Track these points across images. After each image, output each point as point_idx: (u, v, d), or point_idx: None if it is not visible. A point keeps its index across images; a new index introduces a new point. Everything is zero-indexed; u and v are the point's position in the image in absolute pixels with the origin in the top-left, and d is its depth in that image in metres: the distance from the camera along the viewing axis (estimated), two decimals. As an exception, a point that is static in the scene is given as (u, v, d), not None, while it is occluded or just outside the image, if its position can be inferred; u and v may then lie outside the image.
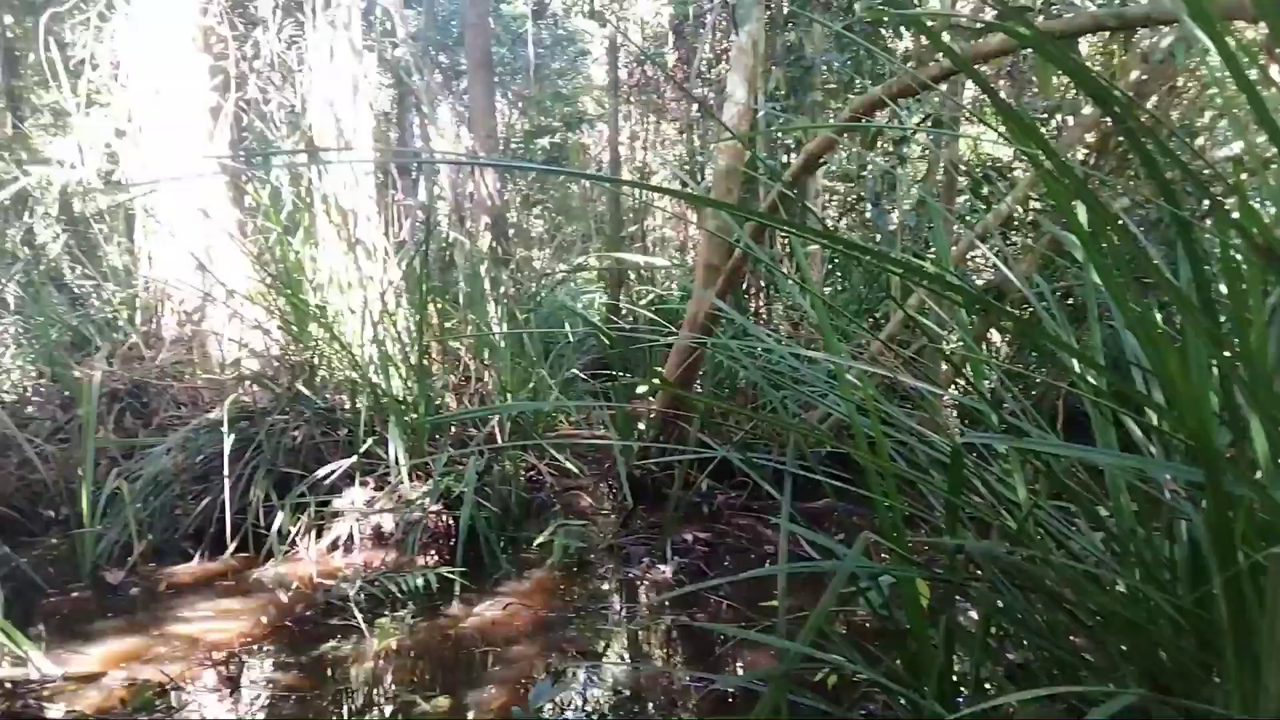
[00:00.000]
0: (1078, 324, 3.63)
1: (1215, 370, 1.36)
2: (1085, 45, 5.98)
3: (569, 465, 4.09)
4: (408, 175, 9.03)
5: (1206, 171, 3.71)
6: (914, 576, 1.63)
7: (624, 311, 7.12)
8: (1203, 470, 1.15)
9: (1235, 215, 1.19)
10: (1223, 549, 1.20)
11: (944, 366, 3.94)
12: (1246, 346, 1.24)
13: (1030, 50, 3.73)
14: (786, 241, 5.45)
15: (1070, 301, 4.48)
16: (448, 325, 4.48)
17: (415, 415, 3.80)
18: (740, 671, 2.55)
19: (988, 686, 1.67)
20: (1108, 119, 3.99)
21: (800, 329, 5.12)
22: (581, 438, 4.40)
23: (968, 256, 5.28)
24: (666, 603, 2.98)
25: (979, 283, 5.13)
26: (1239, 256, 1.34)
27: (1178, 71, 4.01)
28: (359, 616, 2.84)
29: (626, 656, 2.65)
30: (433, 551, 3.37)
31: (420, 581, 3.03)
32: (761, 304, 5.67)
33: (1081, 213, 1.42)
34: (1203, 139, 5.54)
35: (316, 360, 4.08)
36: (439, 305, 4.36)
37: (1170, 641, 1.39)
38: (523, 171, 11.54)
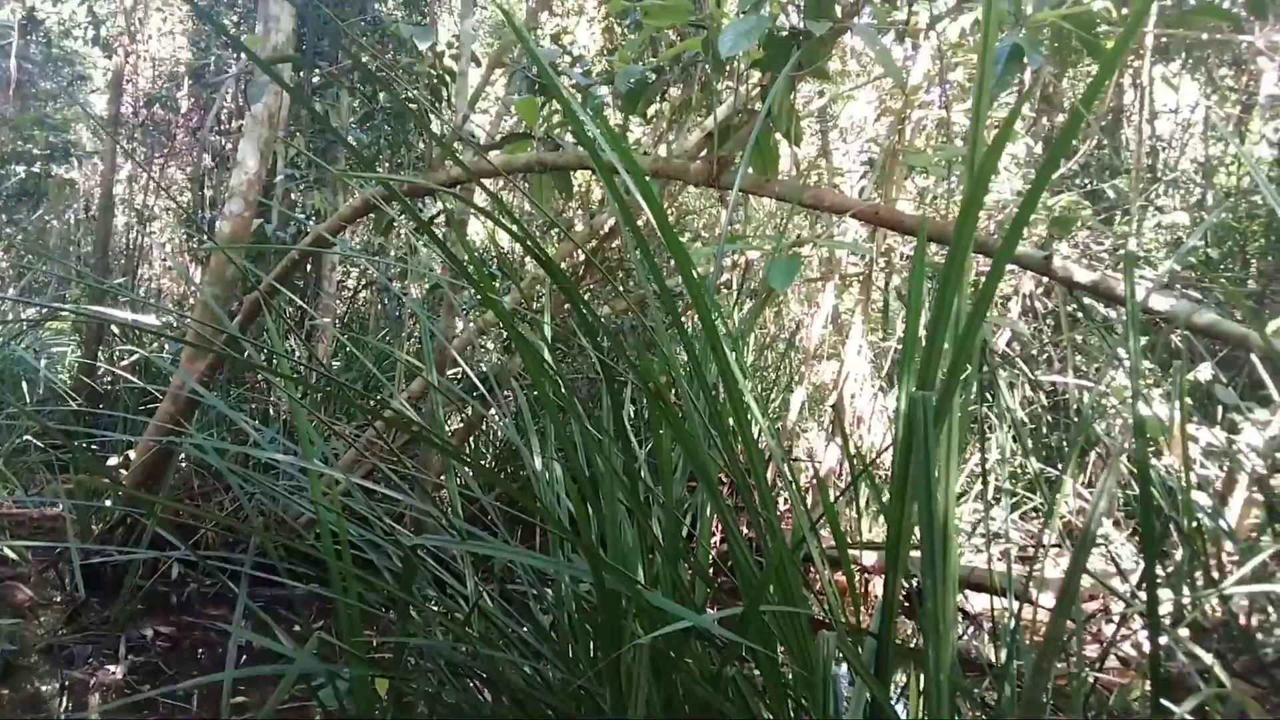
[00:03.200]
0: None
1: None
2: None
3: (6, 551, 3.54)
4: None
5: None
6: (364, 675, 1.70)
7: (101, 372, 6.38)
8: (591, 573, 1.40)
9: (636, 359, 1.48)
10: (606, 636, 1.46)
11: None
12: (664, 477, 1.54)
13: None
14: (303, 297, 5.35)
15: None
16: None
17: None
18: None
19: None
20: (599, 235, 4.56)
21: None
22: (27, 518, 3.84)
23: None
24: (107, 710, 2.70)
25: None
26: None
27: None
28: None
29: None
30: None
31: None
32: (261, 379, 5.45)
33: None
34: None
35: None
36: None
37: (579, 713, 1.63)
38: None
